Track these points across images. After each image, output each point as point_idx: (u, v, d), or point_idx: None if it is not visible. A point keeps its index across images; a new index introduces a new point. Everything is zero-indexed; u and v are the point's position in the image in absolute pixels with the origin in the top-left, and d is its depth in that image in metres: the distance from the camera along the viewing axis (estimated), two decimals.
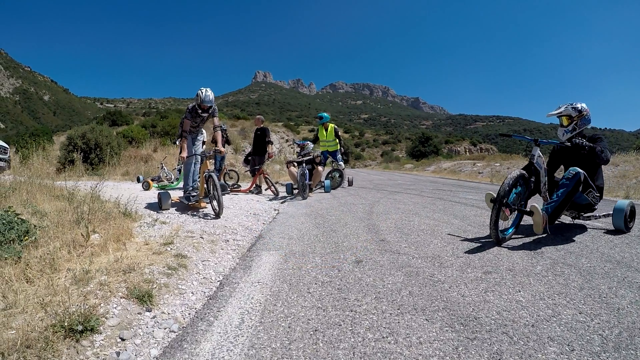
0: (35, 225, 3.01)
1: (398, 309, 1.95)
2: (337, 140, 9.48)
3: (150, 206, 5.31)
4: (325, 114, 9.73)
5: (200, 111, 5.48)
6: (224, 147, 8.57)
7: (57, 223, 3.19)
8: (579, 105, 3.77)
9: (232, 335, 1.67)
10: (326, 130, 9.57)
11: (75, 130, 12.97)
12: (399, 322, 1.81)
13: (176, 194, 6.34)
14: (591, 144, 3.49)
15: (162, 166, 9.80)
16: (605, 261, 2.84)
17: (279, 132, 34.92)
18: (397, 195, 7.75)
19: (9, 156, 9.20)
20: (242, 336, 1.65)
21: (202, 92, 5.40)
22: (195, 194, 5.51)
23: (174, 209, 5.23)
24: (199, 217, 4.70)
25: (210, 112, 5.55)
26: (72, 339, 1.56)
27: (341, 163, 9.73)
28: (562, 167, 4.02)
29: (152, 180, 9.76)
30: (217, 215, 4.78)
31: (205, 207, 5.38)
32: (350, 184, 10.25)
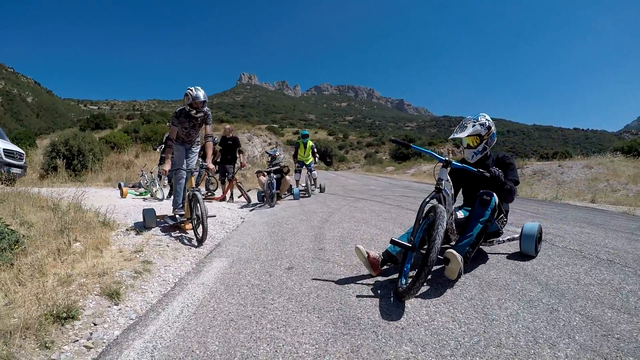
0: (23, 235, 3.43)
1: (300, 308, 2.53)
2: (312, 154, 10.72)
3: (129, 215, 5.80)
4: (307, 132, 11.13)
5: (193, 112, 4.92)
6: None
7: (43, 232, 3.67)
8: (486, 121, 3.36)
9: (171, 321, 2.35)
10: (305, 147, 10.65)
11: (59, 136, 13.42)
12: (295, 318, 2.38)
13: (161, 210, 6.16)
14: (506, 182, 3.19)
15: (142, 173, 10.31)
16: (513, 273, 3.06)
17: (261, 135, 35.45)
18: (360, 203, 8.41)
19: (26, 162, 9.17)
20: (178, 322, 2.34)
21: (192, 91, 4.87)
22: (182, 213, 5.10)
23: (158, 228, 4.99)
24: (172, 228, 5.05)
25: (204, 114, 5.04)
26: (59, 324, 2.21)
27: (315, 172, 10.62)
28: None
29: (133, 186, 10.32)
30: (200, 241, 4.32)
31: (192, 229, 4.84)
32: (322, 190, 10.98)
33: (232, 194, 9.25)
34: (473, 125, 3.34)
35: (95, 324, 2.32)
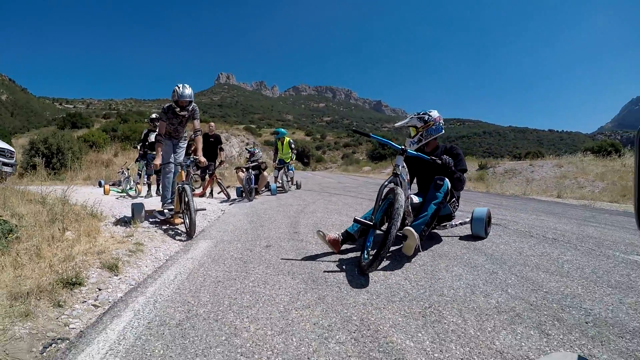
0: (16, 225, 3.67)
1: (277, 272, 2.99)
2: (290, 150, 10.91)
3: (114, 209, 6.11)
4: (282, 130, 11.22)
5: (178, 109, 5.06)
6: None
7: (35, 223, 3.92)
8: (425, 116, 3.69)
9: (167, 284, 2.76)
10: (282, 143, 10.88)
11: (38, 135, 13.42)
12: (272, 278, 2.84)
13: (150, 205, 6.16)
14: (456, 171, 3.55)
15: (122, 171, 10.50)
16: (464, 248, 3.52)
17: (239, 135, 35.56)
18: (334, 197, 8.89)
19: (16, 160, 9.04)
20: (173, 284, 2.75)
21: (178, 88, 5.00)
22: (171, 207, 5.16)
23: (147, 222, 5.19)
24: (161, 223, 5.30)
25: (190, 111, 5.17)
26: (68, 288, 2.58)
27: (292, 169, 10.99)
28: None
29: (113, 184, 10.52)
30: (189, 234, 4.36)
31: (182, 223, 5.11)
32: (298, 186, 11.41)
33: (212, 190, 9.57)
34: (411, 118, 3.78)
35: (100, 289, 2.69)
